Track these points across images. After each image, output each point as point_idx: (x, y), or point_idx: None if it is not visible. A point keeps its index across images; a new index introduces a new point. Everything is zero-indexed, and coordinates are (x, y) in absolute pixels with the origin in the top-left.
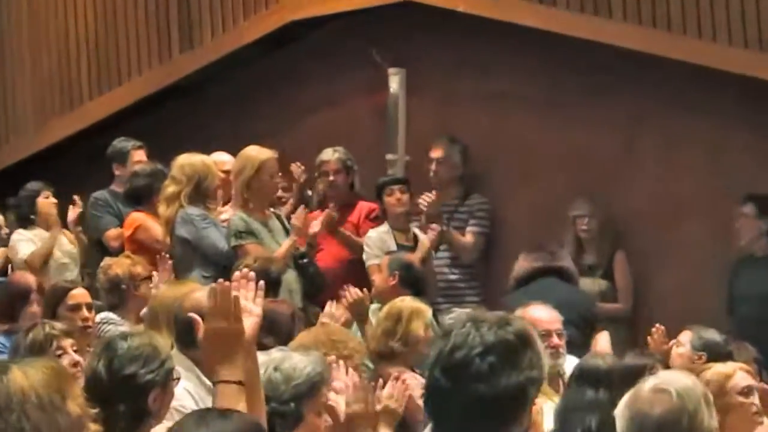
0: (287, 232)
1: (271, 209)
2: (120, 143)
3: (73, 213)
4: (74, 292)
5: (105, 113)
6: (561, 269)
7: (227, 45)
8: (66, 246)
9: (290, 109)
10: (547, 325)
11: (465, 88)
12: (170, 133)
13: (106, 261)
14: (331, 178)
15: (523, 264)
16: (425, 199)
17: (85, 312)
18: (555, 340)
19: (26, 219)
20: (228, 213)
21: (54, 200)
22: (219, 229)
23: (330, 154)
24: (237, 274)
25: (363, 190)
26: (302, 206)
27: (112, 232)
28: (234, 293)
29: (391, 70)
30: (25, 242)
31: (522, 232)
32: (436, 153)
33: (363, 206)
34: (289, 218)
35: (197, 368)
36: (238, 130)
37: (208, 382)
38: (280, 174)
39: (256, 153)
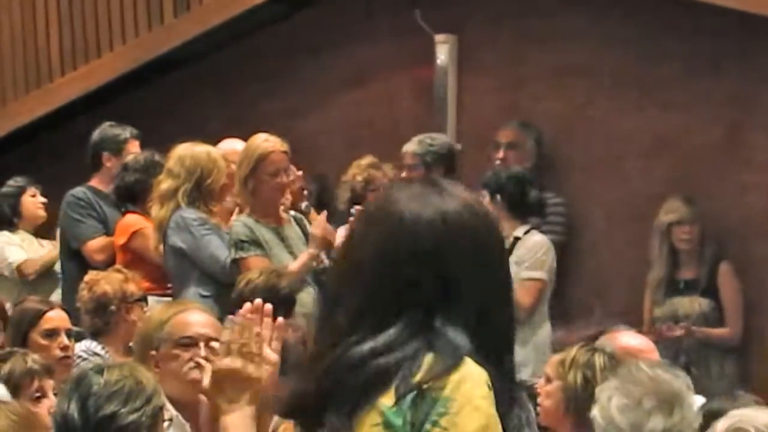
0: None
1: (292, 212)
2: (113, 129)
3: None
4: (50, 314)
5: (79, 92)
6: None
7: (232, 6)
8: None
9: (312, 87)
10: None
11: (532, 61)
12: (159, 116)
13: (92, 275)
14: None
15: None
16: None
17: (64, 339)
18: None
19: (7, 221)
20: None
21: (42, 199)
22: (222, 237)
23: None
24: (248, 305)
25: None
26: (324, 211)
27: (97, 243)
28: (256, 329)
29: (438, 38)
30: (15, 247)
31: (604, 239)
32: (506, 137)
33: None
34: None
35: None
36: (244, 113)
37: None
38: (291, 170)
39: (256, 144)
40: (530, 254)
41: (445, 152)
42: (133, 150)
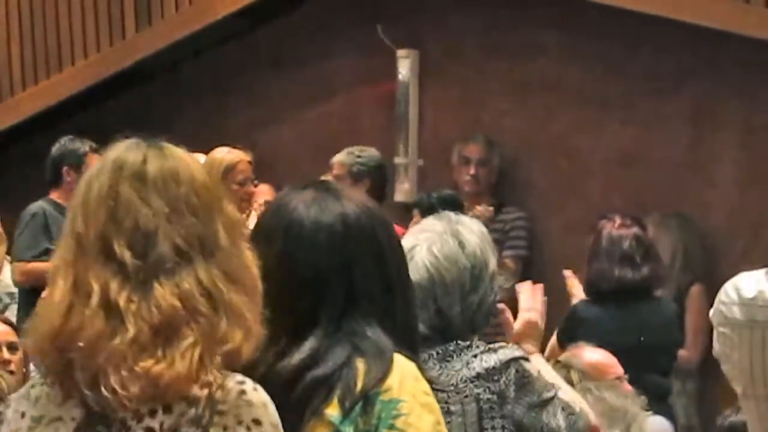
0: None
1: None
2: (72, 143)
3: None
4: None
5: (40, 107)
6: None
7: (194, 21)
8: (7, 278)
9: (274, 101)
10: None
11: (494, 75)
12: (119, 130)
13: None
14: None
15: None
16: (482, 213)
17: (5, 353)
18: None
19: None
20: None
21: None
22: None
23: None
24: None
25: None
26: None
27: (23, 266)
28: None
29: (400, 53)
30: None
31: (565, 255)
32: (476, 153)
33: None
34: None
35: None
36: (206, 127)
37: None
38: (255, 180)
39: (221, 156)
40: None
41: (373, 164)
42: (93, 164)
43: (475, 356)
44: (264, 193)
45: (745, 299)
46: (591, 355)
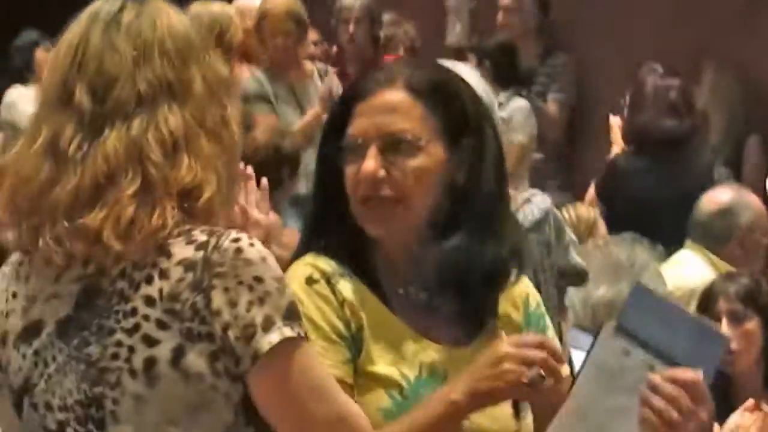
0: None
1: (320, 65)
2: None
3: None
4: None
5: None
6: None
7: None
8: None
9: None
10: None
11: None
12: None
13: None
14: (351, 28)
15: None
16: None
17: None
18: None
19: (19, 75)
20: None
21: None
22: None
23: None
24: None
25: (421, 45)
26: (332, 68)
27: None
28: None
29: None
30: (30, 103)
31: (615, 102)
32: (505, 0)
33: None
34: None
35: None
36: None
37: None
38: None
39: (260, 3)
40: (512, 118)
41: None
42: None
43: (516, 210)
44: None
45: None
46: None
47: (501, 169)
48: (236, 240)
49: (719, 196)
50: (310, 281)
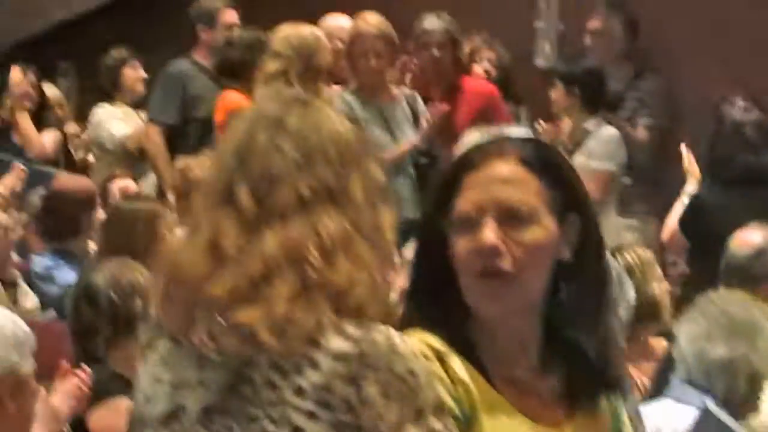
0: (417, 124)
1: (406, 90)
2: (206, 1)
3: None
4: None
5: None
6: None
7: None
8: None
9: None
10: None
11: None
12: None
13: (184, 161)
14: (435, 52)
15: None
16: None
17: None
18: None
19: (106, 93)
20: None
21: (143, 74)
22: None
23: (434, 23)
24: None
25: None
26: (444, 105)
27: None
28: None
29: None
30: (118, 120)
31: (706, 124)
32: (592, 24)
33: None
34: None
35: None
36: None
37: None
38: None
39: (353, 23)
40: (601, 146)
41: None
42: (229, 20)
43: None
44: None
45: None
46: None
47: (601, 247)
48: (388, 334)
49: (751, 238)
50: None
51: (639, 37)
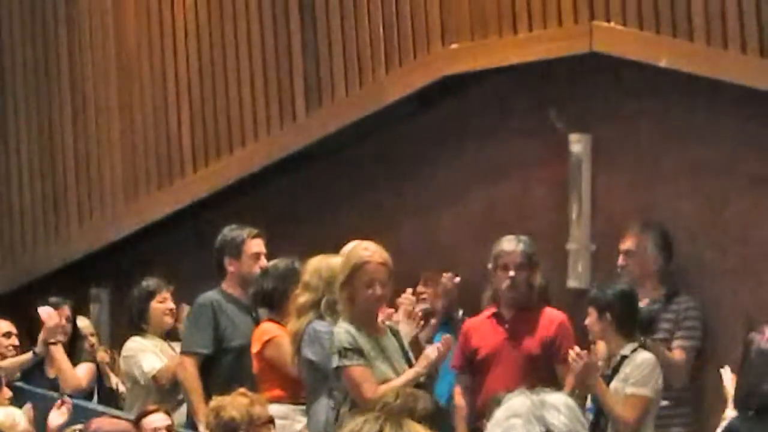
0: (405, 354)
1: (388, 323)
2: (231, 233)
3: None
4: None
5: (210, 188)
6: None
7: (365, 104)
8: None
9: (440, 185)
10: None
11: (668, 158)
12: (282, 213)
13: (217, 400)
14: (512, 273)
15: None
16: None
17: None
18: None
19: (135, 326)
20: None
21: (171, 305)
22: None
23: (513, 244)
24: None
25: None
26: (447, 335)
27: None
28: None
29: (572, 137)
30: (150, 353)
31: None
32: (625, 244)
33: (553, 318)
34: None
35: None
36: (368, 212)
37: None
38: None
39: (355, 252)
40: (638, 371)
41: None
42: (255, 249)
43: None
44: None
45: None
46: None
47: None
48: None
49: None
50: None
51: (672, 257)
